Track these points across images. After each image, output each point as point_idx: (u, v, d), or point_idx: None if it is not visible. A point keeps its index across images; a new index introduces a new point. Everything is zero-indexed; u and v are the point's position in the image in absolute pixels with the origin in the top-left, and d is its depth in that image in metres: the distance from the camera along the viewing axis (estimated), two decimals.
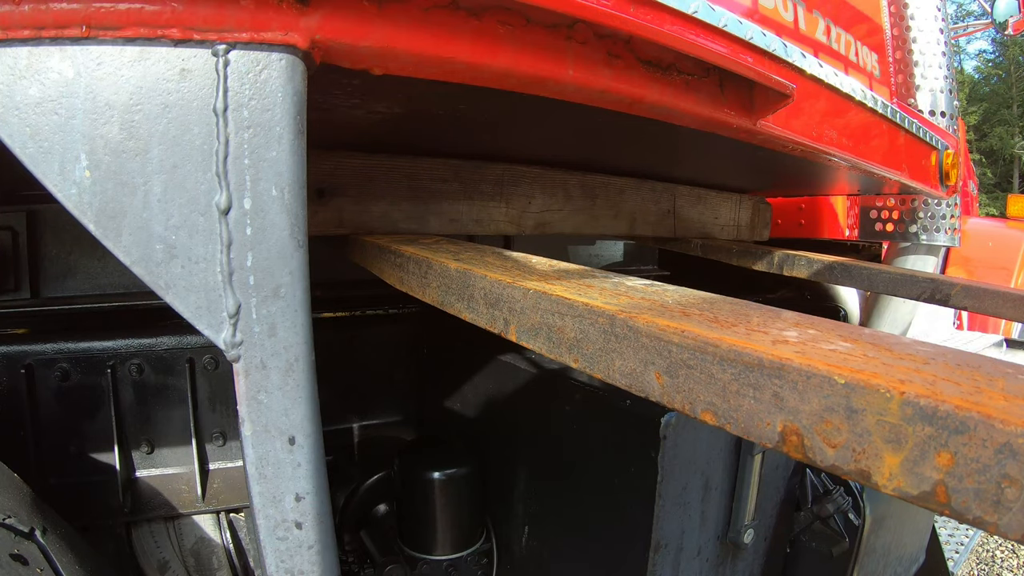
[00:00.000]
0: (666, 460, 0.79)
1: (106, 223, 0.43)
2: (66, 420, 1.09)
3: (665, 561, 0.84)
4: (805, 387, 0.30)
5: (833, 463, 0.29)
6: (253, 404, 0.47)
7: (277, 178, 0.45)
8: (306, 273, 0.48)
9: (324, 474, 0.51)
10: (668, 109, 0.71)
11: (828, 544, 1.07)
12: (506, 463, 1.08)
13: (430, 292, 0.62)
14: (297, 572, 0.50)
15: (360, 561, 1.10)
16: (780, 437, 0.31)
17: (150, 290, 0.45)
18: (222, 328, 0.45)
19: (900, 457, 0.26)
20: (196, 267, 0.44)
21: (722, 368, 0.33)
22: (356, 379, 1.37)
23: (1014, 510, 0.23)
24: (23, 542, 0.59)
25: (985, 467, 0.24)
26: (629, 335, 0.39)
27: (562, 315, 0.44)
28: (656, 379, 0.37)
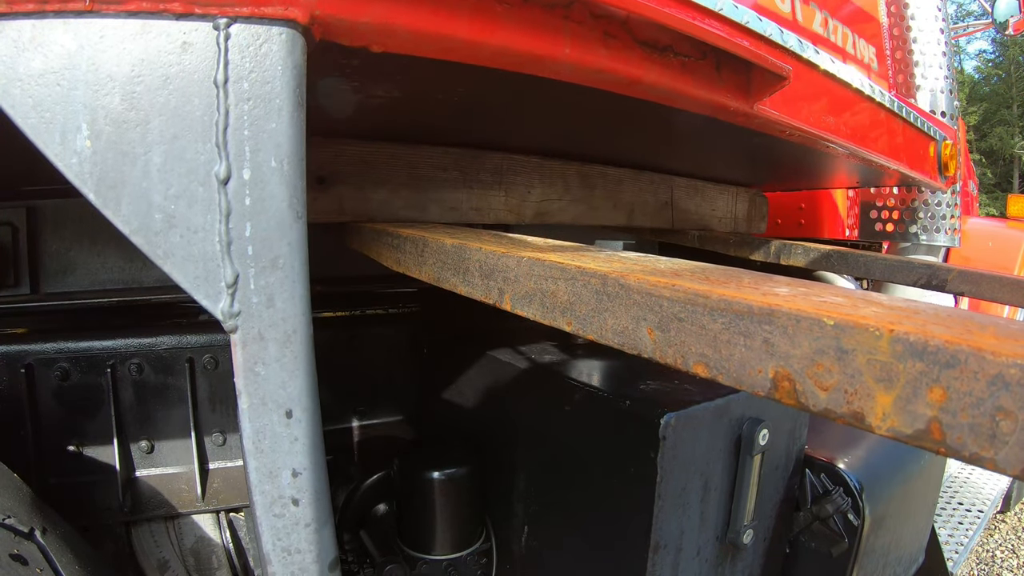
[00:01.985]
0: (665, 460, 0.79)
1: (106, 192, 0.44)
2: (66, 419, 1.09)
3: (664, 561, 0.84)
4: (795, 331, 0.30)
5: (825, 407, 0.29)
6: (250, 376, 0.47)
7: (276, 149, 0.45)
8: (305, 245, 0.48)
9: (322, 450, 0.51)
10: (665, 91, 0.71)
11: (827, 544, 1.07)
12: (506, 463, 1.08)
13: (426, 269, 0.62)
14: (294, 550, 0.50)
15: (360, 561, 1.10)
16: (772, 384, 0.31)
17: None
18: (220, 298, 0.45)
19: (892, 396, 0.26)
20: (195, 236, 0.45)
21: (712, 318, 0.34)
22: (356, 378, 1.37)
23: (1010, 443, 0.23)
24: (23, 542, 0.60)
25: (979, 400, 0.24)
26: (621, 293, 0.39)
27: (555, 279, 0.45)
28: (648, 335, 0.38)
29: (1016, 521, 3.21)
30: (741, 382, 0.32)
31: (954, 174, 1.45)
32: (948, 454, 0.25)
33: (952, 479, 2.16)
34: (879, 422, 0.27)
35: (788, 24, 0.91)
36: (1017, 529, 3.14)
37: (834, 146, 1.01)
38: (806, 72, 0.88)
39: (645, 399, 0.85)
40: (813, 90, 0.92)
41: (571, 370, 1.01)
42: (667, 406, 0.80)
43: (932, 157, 1.36)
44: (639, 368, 1.04)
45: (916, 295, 1.86)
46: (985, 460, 0.23)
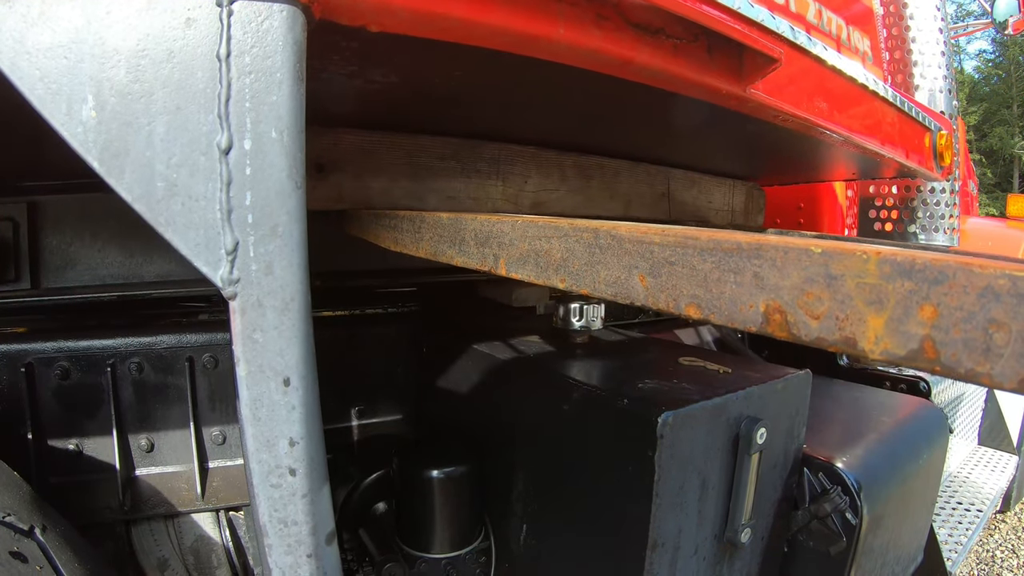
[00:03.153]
0: (663, 459, 0.79)
1: (109, 161, 0.45)
2: (66, 418, 1.09)
3: (662, 560, 0.84)
4: (784, 262, 0.30)
5: (818, 335, 0.28)
6: (248, 343, 0.47)
7: (277, 121, 0.46)
8: (304, 214, 0.49)
9: (319, 420, 0.51)
10: (658, 72, 0.72)
11: (826, 543, 1.07)
12: (504, 462, 1.08)
13: (423, 245, 0.62)
14: (290, 522, 0.50)
15: (359, 559, 1.10)
16: (763, 318, 0.31)
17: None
18: (220, 265, 0.46)
19: (884, 317, 0.26)
20: (196, 204, 0.46)
21: (703, 258, 0.34)
22: (356, 377, 1.38)
23: (1006, 356, 0.23)
24: (23, 540, 0.60)
25: (970, 314, 0.23)
26: (613, 244, 0.40)
27: (548, 238, 0.45)
28: (640, 282, 0.38)
29: (1016, 521, 3.21)
30: (733, 319, 0.33)
31: (950, 164, 1.46)
32: (943, 373, 0.24)
33: (952, 478, 2.16)
34: (872, 346, 0.26)
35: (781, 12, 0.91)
36: (1017, 529, 3.14)
37: (829, 133, 1.01)
38: (798, 58, 0.89)
39: (643, 398, 0.85)
40: (806, 76, 0.93)
41: (569, 369, 1.02)
42: (665, 405, 0.81)
43: (928, 147, 1.37)
44: (637, 367, 1.04)
45: None
46: (981, 376, 0.23)
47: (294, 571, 0.51)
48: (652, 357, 1.13)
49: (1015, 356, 0.22)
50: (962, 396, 2.15)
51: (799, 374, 1.02)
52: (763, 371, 1.01)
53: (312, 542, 0.51)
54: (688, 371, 1.01)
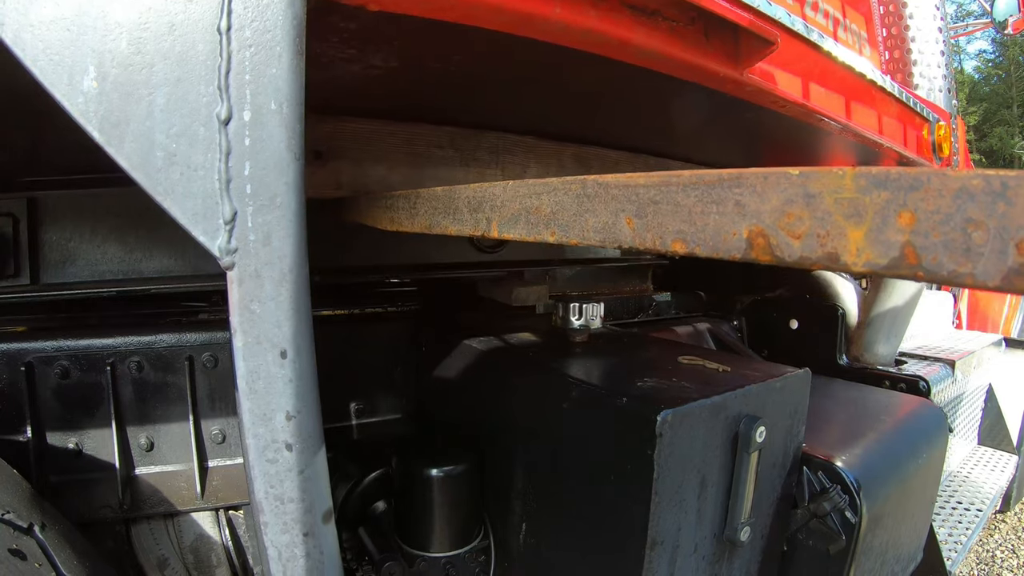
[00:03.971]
0: (662, 457, 0.79)
1: (109, 130, 0.45)
2: (66, 417, 1.09)
3: (662, 558, 0.84)
4: (763, 187, 0.30)
5: (800, 255, 0.29)
6: (245, 314, 0.47)
7: (276, 93, 0.47)
8: (302, 186, 0.49)
9: (316, 394, 0.50)
10: (655, 54, 0.72)
11: (825, 542, 1.07)
12: (504, 461, 1.08)
13: (419, 219, 0.62)
14: (287, 499, 0.49)
15: (358, 558, 1.10)
16: (747, 243, 0.31)
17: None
18: (217, 235, 0.47)
19: (863, 229, 0.26)
20: (195, 174, 0.46)
21: (686, 194, 0.34)
22: (355, 376, 1.38)
23: (986, 254, 0.23)
24: (22, 537, 0.60)
25: (947, 216, 0.24)
26: (599, 192, 0.40)
27: (538, 195, 0.46)
28: (627, 224, 0.38)
29: (1016, 521, 3.21)
30: (718, 249, 0.33)
31: (949, 156, 1.46)
32: (927, 278, 0.25)
33: (951, 477, 2.16)
34: (854, 259, 0.27)
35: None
36: (1017, 529, 3.13)
37: (827, 121, 1.01)
38: (795, 44, 0.89)
39: (642, 396, 0.85)
40: (803, 63, 0.93)
41: (569, 368, 1.02)
42: (664, 403, 0.81)
43: (926, 138, 1.37)
44: (636, 366, 1.04)
45: (922, 298, 1.86)
46: (964, 276, 0.23)
47: (290, 551, 0.50)
48: (651, 356, 1.13)
49: (995, 253, 0.23)
50: (962, 395, 2.15)
51: (798, 373, 1.02)
52: (762, 370, 1.01)
53: (309, 520, 0.50)
54: (687, 370, 1.01)
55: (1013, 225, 0.22)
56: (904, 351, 2.03)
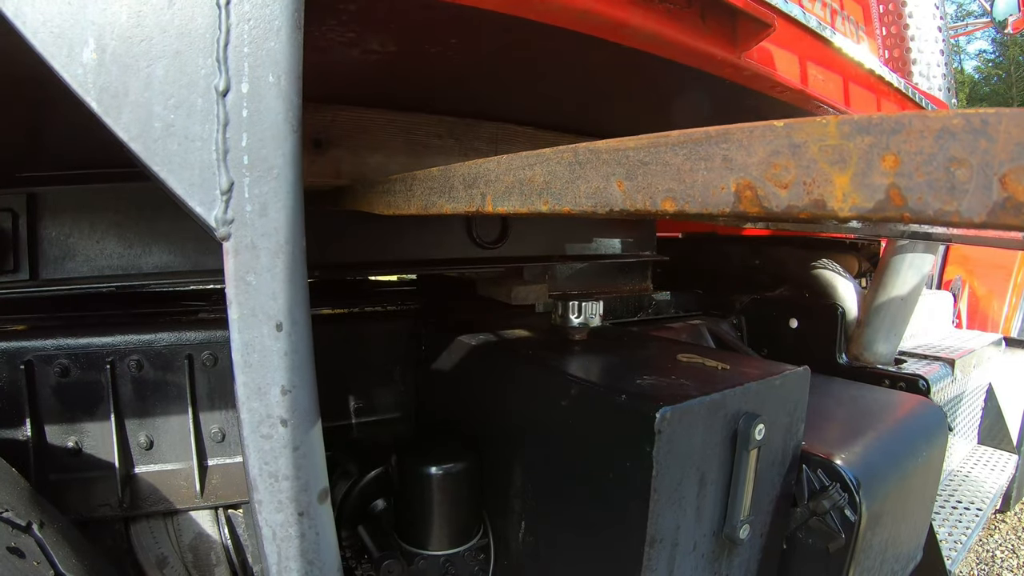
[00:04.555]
0: (661, 454, 0.79)
1: (108, 101, 0.46)
2: (65, 416, 1.09)
3: (660, 556, 0.84)
4: (750, 141, 0.30)
5: (787, 204, 0.29)
6: (241, 286, 0.47)
7: (274, 66, 0.47)
8: (299, 159, 0.49)
9: (312, 368, 0.50)
10: (653, 36, 0.72)
11: (824, 540, 1.07)
12: (503, 459, 1.08)
13: (415, 201, 0.62)
14: (281, 477, 0.49)
15: (357, 556, 1.10)
16: (735, 197, 0.31)
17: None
18: (214, 205, 0.47)
19: (848, 174, 0.26)
20: (192, 145, 0.47)
21: (674, 153, 0.35)
22: (355, 375, 1.38)
23: (970, 191, 0.23)
24: (20, 535, 0.60)
25: (930, 156, 0.24)
26: (591, 158, 0.41)
27: (531, 166, 0.46)
28: (618, 187, 0.39)
29: (1016, 521, 3.21)
30: (707, 204, 0.33)
31: None
32: (914, 219, 0.25)
33: (951, 476, 2.16)
34: (840, 204, 0.27)
35: None
36: (1017, 529, 3.13)
37: (824, 107, 1.01)
38: (792, 30, 0.89)
39: (641, 393, 0.85)
40: (800, 48, 0.93)
41: (567, 365, 1.02)
42: (663, 400, 0.81)
43: None
44: (635, 364, 1.04)
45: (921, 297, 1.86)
46: (950, 214, 0.23)
47: (285, 530, 0.49)
48: (650, 354, 1.13)
49: (980, 189, 0.23)
50: (962, 395, 2.15)
51: (797, 370, 1.02)
52: (761, 367, 1.01)
53: (304, 500, 0.49)
54: (686, 367, 1.01)
55: (995, 161, 0.22)
56: (904, 350, 2.03)
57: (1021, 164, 0.22)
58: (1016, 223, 0.22)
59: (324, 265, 1.26)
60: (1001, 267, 3.13)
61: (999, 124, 0.22)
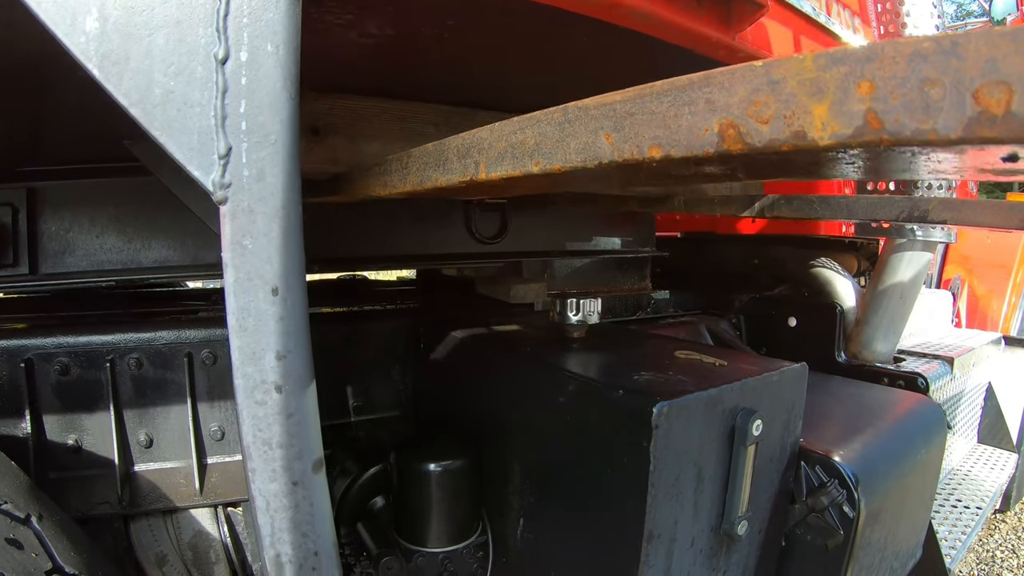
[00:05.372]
0: (658, 450, 0.79)
1: (109, 68, 0.47)
2: (65, 414, 1.10)
3: (658, 552, 0.84)
4: (730, 82, 0.31)
5: (769, 138, 0.30)
6: (237, 249, 0.48)
7: (273, 36, 0.48)
8: (297, 125, 0.50)
9: (308, 334, 0.50)
10: (647, 16, 0.73)
11: (823, 537, 1.07)
12: (501, 456, 1.09)
13: (411, 177, 0.63)
14: (275, 444, 0.48)
15: (356, 554, 1.10)
16: (719, 136, 0.32)
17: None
18: (212, 169, 0.47)
19: (826, 103, 0.27)
20: (191, 111, 0.48)
21: (659, 101, 0.36)
22: (354, 374, 1.38)
23: (945, 108, 0.24)
24: (19, 527, 0.60)
25: (903, 79, 0.25)
26: (580, 115, 0.41)
27: (522, 129, 0.46)
28: (606, 140, 0.39)
29: (1016, 521, 3.20)
30: (692, 147, 0.34)
31: None
32: (892, 141, 0.25)
33: (951, 475, 2.16)
34: (820, 133, 0.28)
35: None
36: (1017, 529, 3.13)
37: None
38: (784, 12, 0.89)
39: (638, 389, 0.85)
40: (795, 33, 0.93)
41: (565, 361, 1.02)
42: (660, 395, 0.81)
43: None
44: (633, 360, 1.04)
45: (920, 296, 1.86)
46: (927, 132, 0.24)
47: (278, 500, 0.49)
48: (648, 351, 1.13)
49: (954, 106, 0.23)
50: (961, 393, 2.15)
51: (795, 367, 1.02)
52: (759, 364, 1.01)
53: (298, 468, 0.49)
54: (684, 364, 1.01)
55: (967, 78, 0.23)
56: (903, 348, 2.03)
57: (992, 79, 0.22)
58: (992, 135, 0.23)
59: (323, 260, 1.26)
60: (1001, 266, 3.13)
61: (968, 44, 0.23)
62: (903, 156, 0.30)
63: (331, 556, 0.53)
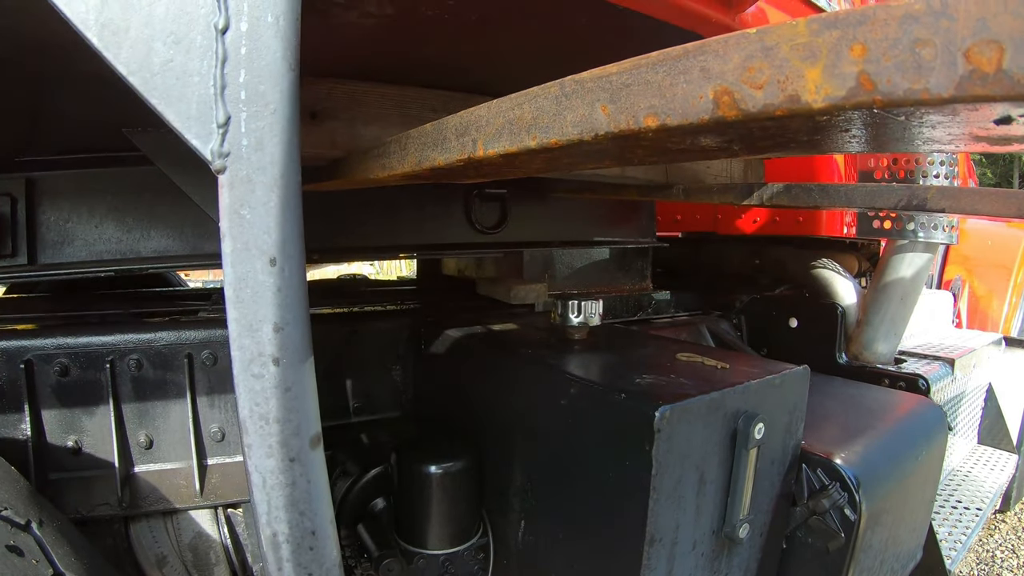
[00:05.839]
0: (660, 453, 0.79)
1: (108, 37, 0.47)
2: (65, 415, 1.09)
3: (660, 555, 0.84)
4: (725, 50, 0.32)
5: (764, 103, 0.30)
6: (235, 219, 0.47)
7: (273, 7, 0.48)
8: (296, 96, 0.49)
9: (306, 307, 0.49)
10: None
11: (824, 540, 1.07)
12: (503, 458, 1.08)
13: (409, 158, 0.63)
14: (272, 419, 0.47)
15: (357, 555, 1.10)
16: (714, 103, 0.32)
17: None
18: (210, 138, 0.47)
19: (819, 67, 0.27)
20: (191, 80, 0.47)
21: (655, 71, 0.36)
22: (355, 374, 1.38)
23: (936, 68, 0.24)
24: (19, 534, 0.60)
25: (895, 41, 0.25)
26: (576, 89, 0.41)
27: (520, 105, 0.46)
28: (602, 112, 0.39)
29: (1016, 521, 3.21)
30: (687, 115, 0.34)
31: None
32: (885, 102, 0.26)
33: (951, 476, 2.16)
34: (814, 96, 0.28)
35: None
36: (1017, 529, 3.13)
37: None
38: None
39: (640, 392, 0.85)
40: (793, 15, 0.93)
41: (567, 364, 1.02)
42: (662, 399, 0.81)
43: None
44: (634, 363, 1.04)
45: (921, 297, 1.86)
46: (919, 92, 0.24)
47: (275, 477, 0.48)
48: (649, 353, 1.13)
49: (945, 66, 0.24)
50: (962, 394, 2.15)
51: (797, 370, 1.02)
52: (761, 367, 1.01)
53: (295, 444, 0.48)
54: (685, 366, 1.01)
55: (958, 37, 0.23)
56: (903, 349, 2.03)
57: (983, 38, 0.23)
58: (984, 93, 0.23)
59: (324, 249, 1.25)
60: (1001, 266, 3.13)
61: (959, 4, 0.23)
62: (897, 123, 0.31)
63: (328, 535, 0.52)
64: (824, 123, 0.32)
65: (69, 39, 0.47)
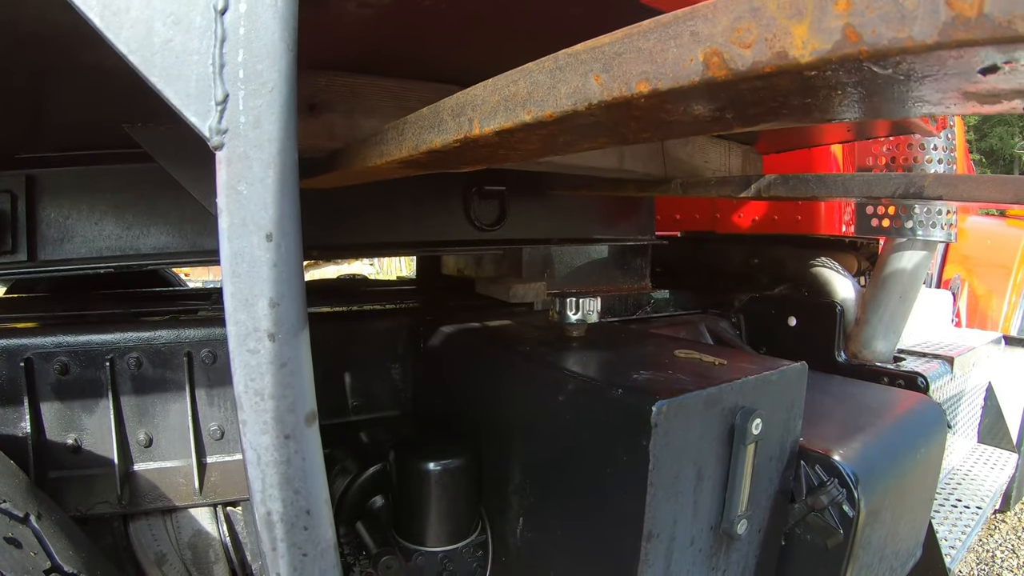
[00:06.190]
0: (657, 448, 0.79)
1: (109, 18, 0.48)
2: (65, 413, 1.10)
3: (658, 550, 0.84)
4: (714, 13, 0.32)
5: (752, 61, 0.31)
6: (232, 195, 0.48)
7: None
8: (294, 77, 0.50)
9: (302, 282, 0.50)
10: None
11: (823, 536, 1.07)
12: (501, 455, 1.09)
13: (407, 143, 0.63)
14: (267, 395, 0.48)
15: (355, 553, 1.10)
16: (704, 65, 0.33)
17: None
18: (209, 115, 0.48)
19: (806, 23, 0.28)
20: (190, 58, 0.48)
21: (646, 39, 0.36)
22: (354, 373, 1.38)
23: (919, 16, 0.25)
24: (18, 526, 0.60)
25: None
26: (570, 61, 0.42)
27: (515, 82, 0.47)
28: (596, 81, 0.40)
29: (1016, 521, 3.20)
30: (678, 78, 0.35)
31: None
32: (871, 54, 0.26)
33: (951, 475, 2.16)
34: (801, 51, 0.29)
35: None
36: (1017, 529, 3.13)
37: None
38: None
39: (637, 388, 0.85)
40: None
41: (564, 360, 1.02)
42: (659, 394, 0.81)
43: None
44: (632, 359, 1.04)
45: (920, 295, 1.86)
46: (904, 40, 0.25)
47: (269, 454, 0.48)
48: (647, 350, 1.13)
49: (928, 13, 0.24)
50: (961, 393, 2.15)
51: (794, 366, 1.02)
52: (758, 363, 1.01)
53: (290, 421, 0.48)
54: (683, 363, 1.01)
55: None
56: (903, 348, 2.03)
57: None
58: (966, 37, 0.24)
59: (323, 247, 1.25)
60: (1001, 266, 3.13)
61: None
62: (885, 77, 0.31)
63: (324, 515, 0.52)
64: (814, 80, 0.32)
65: (68, 30, 0.48)
